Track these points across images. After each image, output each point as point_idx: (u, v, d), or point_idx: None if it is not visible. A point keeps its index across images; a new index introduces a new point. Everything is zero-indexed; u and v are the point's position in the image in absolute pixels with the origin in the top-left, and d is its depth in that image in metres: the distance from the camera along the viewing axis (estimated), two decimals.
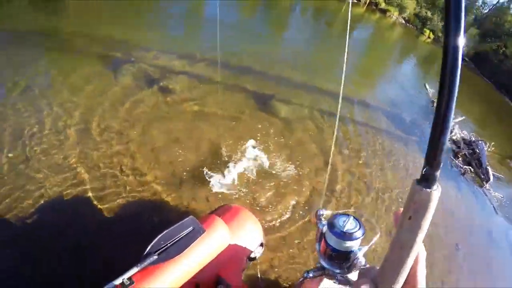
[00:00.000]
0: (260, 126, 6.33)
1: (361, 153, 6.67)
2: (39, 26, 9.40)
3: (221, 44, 9.38)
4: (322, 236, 1.22)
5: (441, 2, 40.58)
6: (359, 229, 1.15)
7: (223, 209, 2.99)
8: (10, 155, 4.33)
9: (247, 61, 9.06)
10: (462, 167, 7.98)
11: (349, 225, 1.16)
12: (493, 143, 9.85)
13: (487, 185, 8.03)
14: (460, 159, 8.32)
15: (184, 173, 4.71)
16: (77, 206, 3.92)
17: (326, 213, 1.28)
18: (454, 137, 9.05)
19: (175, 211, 4.15)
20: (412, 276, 0.77)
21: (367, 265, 1.15)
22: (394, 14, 32.31)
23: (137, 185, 4.34)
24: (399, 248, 0.75)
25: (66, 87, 6.43)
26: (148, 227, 3.80)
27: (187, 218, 2.37)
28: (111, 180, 4.35)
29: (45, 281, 3.28)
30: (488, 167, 8.40)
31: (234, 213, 2.90)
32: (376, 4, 31.65)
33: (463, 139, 9.08)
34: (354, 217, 1.19)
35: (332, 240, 1.16)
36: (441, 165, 0.70)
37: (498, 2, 38.51)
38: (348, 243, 1.14)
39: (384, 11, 31.50)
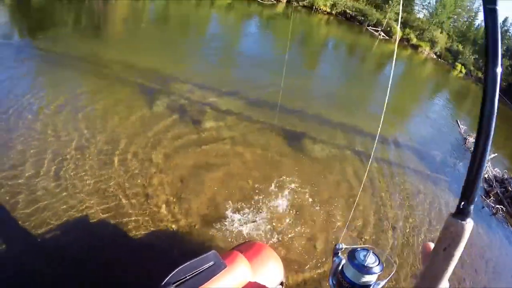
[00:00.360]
0: (290, 164, 6.49)
1: (389, 192, 6.77)
2: (82, 51, 10.20)
3: (256, 79, 10.01)
4: (337, 270, 1.23)
5: (472, 35, 40.50)
6: (378, 264, 1.16)
7: (246, 246, 3.04)
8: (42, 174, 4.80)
9: (281, 97, 8.99)
10: (493, 207, 7.87)
11: (369, 259, 1.16)
12: None
13: None
14: (492, 198, 8.22)
15: (210, 207, 4.89)
16: (102, 230, 4.20)
17: (345, 247, 1.28)
18: (485, 175, 8.97)
19: (197, 244, 4.26)
20: None
21: None
22: (425, 49, 32.52)
23: (162, 214, 4.57)
24: (433, 277, 0.76)
25: (105, 113, 6.97)
26: (169, 258, 3.93)
27: (209, 253, 2.45)
28: (138, 207, 4.60)
29: None
30: None
31: (256, 250, 2.94)
32: (408, 40, 32.02)
33: (495, 177, 8.97)
34: (373, 252, 1.19)
35: (351, 273, 1.17)
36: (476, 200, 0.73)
37: None
38: (367, 277, 1.15)
39: (415, 47, 31.84)
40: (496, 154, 10.28)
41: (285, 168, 6.35)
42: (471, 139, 11.39)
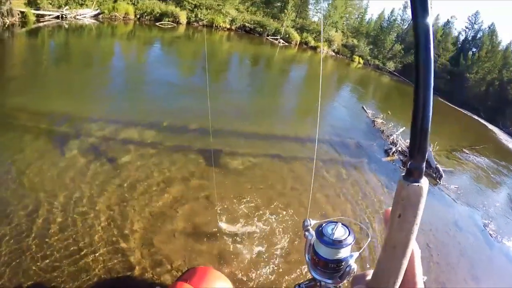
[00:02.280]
0: (212, 181, 6.29)
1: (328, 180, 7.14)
2: None
3: (159, 105, 9.98)
4: (311, 246, 1.14)
5: (364, 29, 44.20)
6: (348, 235, 1.06)
7: (191, 273, 2.98)
8: None
9: (190, 118, 9.19)
10: None
11: (338, 232, 1.07)
12: (436, 142, 10.74)
13: (441, 182, 8.78)
14: None
15: (143, 244, 4.80)
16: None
17: (313, 222, 1.20)
18: (399, 148, 9.78)
19: (141, 282, 4.15)
20: (410, 276, 0.74)
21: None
22: (324, 49, 34.57)
23: (97, 260, 4.38)
24: (392, 248, 0.72)
25: (10, 168, 6.52)
26: None
27: None
28: (69, 256, 4.40)
29: None
30: (437, 165, 9.18)
31: (201, 275, 2.90)
32: (307, 43, 33.97)
33: (408, 147, 9.79)
34: (342, 224, 1.09)
35: (322, 250, 1.08)
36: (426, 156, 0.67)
37: None
38: (339, 251, 1.06)
39: (314, 48, 33.79)
40: (404, 127, 11.16)
41: (209, 186, 6.28)
42: (379, 120, 12.34)
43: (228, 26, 28.80)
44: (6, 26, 28.35)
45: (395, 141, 10.27)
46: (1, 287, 3.95)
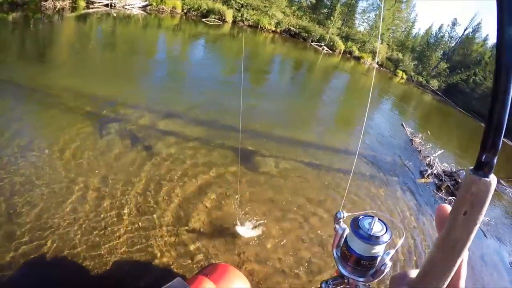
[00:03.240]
0: (244, 182, 6.51)
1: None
2: (26, 78, 9.78)
3: (197, 99, 10.02)
4: (341, 241, 1.10)
5: (410, 43, 43.14)
6: (386, 232, 1.02)
7: (211, 269, 3.00)
8: None
9: (229, 116, 9.23)
10: (446, 199, 8.26)
11: (376, 227, 1.02)
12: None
13: None
14: (443, 191, 8.62)
15: (170, 233, 4.83)
16: (62, 264, 4.05)
17: (347, 215, 1.14)
18: (435, 171, 9.40)
19: (162, 273, 4.17)
20: (455, 278, 0.70)
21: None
22: (367, 60, 34.03)
23: (123, 244, 4.43)
24: (451, 247, 0.67)
25: (50, 143, 6.73)
26: None
27: (174, 280, 2.37)
28: (97, 240, 4.44)
29: None
30: None
31: (221, 272, 2.91)
32: (350, 52, 33.46)
33: (444, 171, 9.45)
34: (379, 219, 1.05)
35: (356, 245, 1.03)
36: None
37: (463, 34, 40.69)
38: (375, 247, 1.02)
39: (358, 58, 33.24)
40: (442, 150, 10.77)
41: (241, 186, 6.37)
42: (417, 139, 11.98)
43: (273, 29, 28.76)
44: (57, 9, 29.60)
45: (431, 163, 9.89)
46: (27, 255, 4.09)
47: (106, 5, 30.29)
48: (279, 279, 4.47)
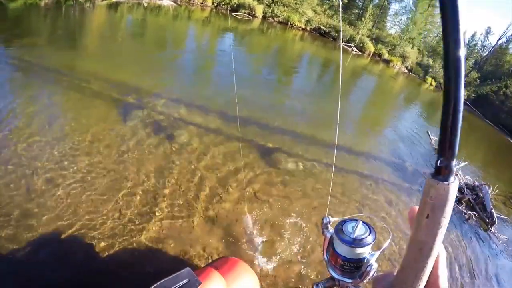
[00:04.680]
0: (263, 176, 6.55)
1: (361, 202, 6.90)
2: (57, 62, 10.04)
3: (229, 94, 9.66)
4: (330, 244, 1.13)
5: (441, 50, 41.94)
6: (369, 234, 1.05)
7: (221, 262, 3.01)
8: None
9: (254, 111, 9.35)
10: (466, 213, 8.09)
11: (359, 230, 1.06)
12: (497, 185, 9.92)
13: (492, 228, 8.09)
14: (464, 205, 8.45)
15: (183, 223, 4.91)
16: (71, 247, 4.15)
17: (333, 220, 1.18)
18: None
19: (171, 262, 4.23)
20: (433, 278, 0.72)
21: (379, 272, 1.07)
22: (397, 64, 33.47)
23: (134, 231, 4.50)
24: (418, 249, 0.70)
25: (75, 125, 6.90)
26: (143, 277, 3.86)
27: (183, 270, 2.39)
28: (109, 224, 4.55)
29: None
30: (492, 210, 8.48)
31: (231, 265, 2.91)
32: (380, 55, 32.94)
33: (466, 184, 9.22)
34: (363, 222, 1.08)
35: (341, 248, 1.07)
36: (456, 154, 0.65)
37: (496, 44, 39.59)
38: (359, 250, 1.05)
39: (387, 62, 32.71)
40: (466, 162, 10.54)
41: (258, 179, 6.42)
42: None
43: (303, 26, 28.54)
44: None
45: None
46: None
47: None
48: (287, 277, 4.53)
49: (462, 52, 0.61)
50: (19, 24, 18.05)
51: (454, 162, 0.65)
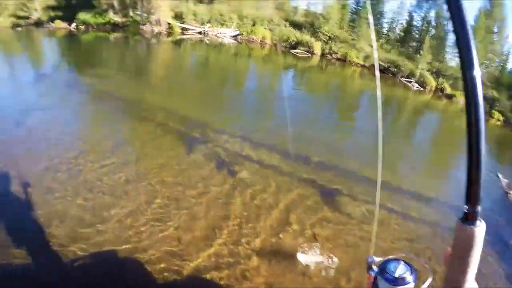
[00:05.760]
0: (321, 221, 6.40)
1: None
2: (124, 92, 11.16)
3: (288, 131, 9.56)
4: (374, 283, 1.20)
5: (505, 79, 39.13)
6: (411, 274, 1.13)
7: None
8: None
9: (316, 150, 9.32)
10: None
11: (400, 269, 1.13)
12: None
13: None
14: None
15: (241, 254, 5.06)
16: (132, 268, 4.52)
17: (377, 259, 1.24)
18: None
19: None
20: None
21: None
22: (460, 99, 32.19)
23: (195, 261, 4.74)
24: (454, 285, 0.74)
25: (140, 154, 7.54)
26: None
27: None
28: (169, 246, 4.90)
29: None
30: None
31: None
32: (442, 90, 31.86)
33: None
34: (404, 262, 1.16)
35: (385, 287, 1.14)
36: (481, 201, 0.71)
37: None
38: None
39: (450, 96, 31.53)
40: None
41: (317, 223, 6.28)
42: None
43: (361, 62, 28.53)
44: (155, 33, 32.72)
45: None
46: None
47: (200, 33, 32.65)
48: None
49: (482, 117, 0.79)
50: (90, 55, 19.78)
51: (479, 208, 0.75)
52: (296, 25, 33.93)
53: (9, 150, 7.54)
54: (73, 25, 44.80)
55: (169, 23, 35.98)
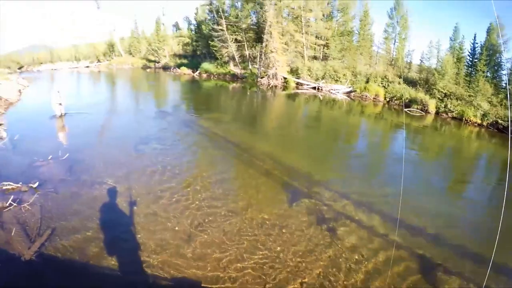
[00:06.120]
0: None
1: None
2: (237, 136, 13.10)
3: (395, 195, 9.36)
4: None
5: None
6: None
7: None
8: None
9: (423, 222, 8.56)
10: None
11: None
12: None
13: None
14: None
15: None
16: None
17: None
18: None
19: None
20: None
21: None
22: None
23: None
24: None
25: (244, 195, 8.20)
26: None
27: None
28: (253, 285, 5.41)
29: None
30: None
31: None
32: None
33: None
34: None
35: None
36: None
37: None
38: None
39: None
40: None
41: None
42: None
43: (479, 121, 27.74)
44: (270, 86, 36.05)
45: None
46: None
47: (314, 88, 35.09)
48: None
49: None
50: (209, 100, 23.12)
51: None
52: (410, 82, 34.50)
53: (125, 171, 9.58)
54: (197, 72, 51.38)
55: (285, 77, 39.28)
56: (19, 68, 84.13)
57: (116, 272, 5.57)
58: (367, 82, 35.73)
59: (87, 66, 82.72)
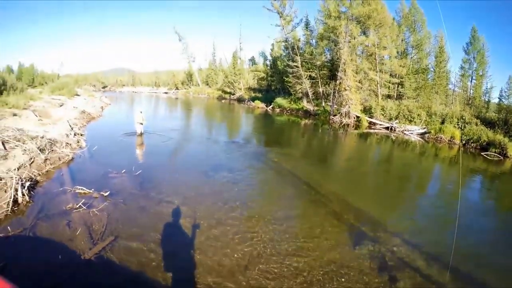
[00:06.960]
0: None
1: None
2: (305, 173, 13.26)
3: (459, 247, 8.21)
4: None
5: None
6: None
7: None
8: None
9: (485, 278, 7.85)
10: None
11: None
12: None
13: None
14: None
15: None
16: None
17: None
18: None
19: None
20: None
21: None
22: None
23: None
24: None
25: (307, 234, 8.29)
26: None
27: None
28: None
29: None
30: None
31: None
32: None
33: None
34: None
35: None
36: None
37: None
38: None
39: None
40: None
41: None
42: None
43: None
44: (342, 124, 37.14)
45: None
46: None
47: (387, 128, 35.37)
48: None
49: None
50: (280, 135, 24.26)
51: None
52: (489, 123, 32.68)
53: (192, 193, 10.16)
54: (270, 106, 53.65)
55: (357, 116, 39.87)
56: (103, 87, 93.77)
57: (169, 286, 5.94)
58: (442, 122, 35.08)
59: (166, 92, 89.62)
